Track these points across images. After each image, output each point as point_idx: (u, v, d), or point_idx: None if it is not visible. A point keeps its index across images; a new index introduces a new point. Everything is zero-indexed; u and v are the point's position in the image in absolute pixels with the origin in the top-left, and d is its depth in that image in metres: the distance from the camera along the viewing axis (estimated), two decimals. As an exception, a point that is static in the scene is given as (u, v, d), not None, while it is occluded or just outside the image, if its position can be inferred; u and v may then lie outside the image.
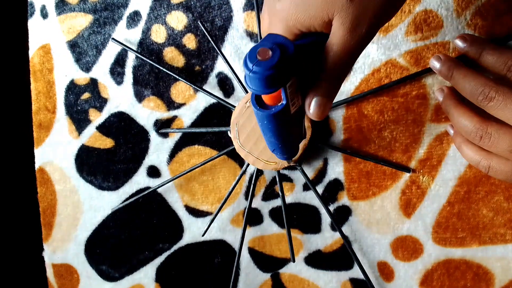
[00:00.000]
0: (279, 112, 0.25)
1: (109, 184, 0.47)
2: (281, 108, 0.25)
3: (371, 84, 0.38)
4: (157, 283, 0.47)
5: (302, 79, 0.25)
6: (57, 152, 0.48)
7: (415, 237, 0.39)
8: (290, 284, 0.43)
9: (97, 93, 0.46)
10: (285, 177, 0.41)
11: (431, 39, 0.36)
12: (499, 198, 0.36)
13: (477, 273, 0.38)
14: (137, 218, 0.46)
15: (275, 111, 0.25)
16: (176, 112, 0.44)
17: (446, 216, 0.38)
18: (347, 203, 0.40)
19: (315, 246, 0.42)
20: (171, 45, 0.43)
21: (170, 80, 0.43)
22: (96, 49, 0.45)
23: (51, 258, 0.50)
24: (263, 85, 0.23)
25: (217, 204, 0.44)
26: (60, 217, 0.49)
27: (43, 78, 0.47)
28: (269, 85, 0.23)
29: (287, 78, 0.24)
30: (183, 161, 0.44)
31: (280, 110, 0.25)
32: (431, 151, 0.37)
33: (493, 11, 0.34)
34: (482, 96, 0.30)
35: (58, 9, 0.46)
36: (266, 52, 0.23)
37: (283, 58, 0.23)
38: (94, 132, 0.46)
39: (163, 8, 0.43)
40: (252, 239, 0.43)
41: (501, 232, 0.37)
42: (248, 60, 0.23)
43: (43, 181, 0.49)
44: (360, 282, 0.41)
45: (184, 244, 0.45)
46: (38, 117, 0.48)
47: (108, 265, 0.48)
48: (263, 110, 0.25)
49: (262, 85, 0.23)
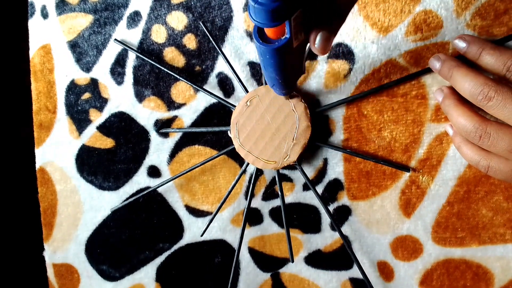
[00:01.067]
0: (282, 46, 0.24)
1: (110, 184, 0.47)
2: (284, 42, 0.24)
3: (371, 84, 0.38)
4: (157, 283, 0.47)
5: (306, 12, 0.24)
6: (57, 152, 0.48)
7: (415, 237, 0.39)
8: (290, 283, 0.43)
9: (97, 93, 0.46)
10: (285, 177, 0.42)
11: (431, 39, 0.36)
12: (498, 198, 0.36)
13: (476, 272, 0.38)
14: (137, 218, 0.47)
15: (278, 45, 0.24)
16: (177, 112, 0.44)
17: (445, 216, 0.38)
18: (347, 203, 0.40)
19: (315, 246, 0.42)
20: (172, 45, 0.43)
21: (171, 80, 0.44)
22: (96, 49, 0.45)
23: (51, 258, 0.50)
24: (268, 18, 0.22)
25: (217, 204, 0.44)
26: (61, 217, 0.49)
27: (43, 78, 0.48)
28: (274, 18, 0.22)
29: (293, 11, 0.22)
30: (183, 161, 0.44)
31: (283, 44, 0.24)
32: (430, 151, 0.37)
33: (493, 12, 0.34)
34: (481, 95, 0.30)
35: (59, 9, 0.46)
36: None
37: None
38: (95, 132, 0.46)
39: (164, 8, 0.43)
40: (252, 239, 0.43)
41: (500, 232, 0.37)
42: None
43: (43, 181, 0.49)
44: (360, 282, 0.41)
45: (184, 244, 0.45)
46: (39, 117, 0.48)
47: (108, 265, 0.48)
48: (265, 45, 0.24)
49: (267, 17, 0.22)
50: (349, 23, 0.38)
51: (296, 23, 0.24)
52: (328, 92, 0.39)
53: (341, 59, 0.38)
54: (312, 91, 0.40)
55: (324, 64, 0.39)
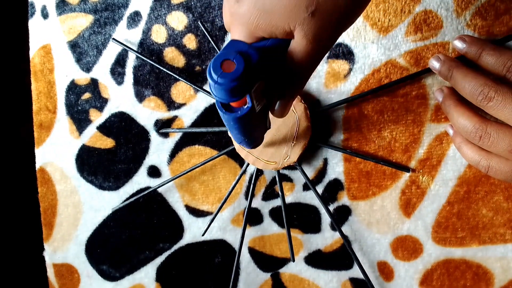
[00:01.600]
0: (245, 115, 0.25)
1: (110, 184, 0.47)
2: (246, 111, 0.25)
3: (371, 84, 0.38)
4: (157, 283, 0.47)
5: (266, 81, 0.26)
6: (57, 152, 0.48)
7: (415, 237, 0.39)
8: (290, 283, 0.43)
9: (97, 93, 0.46)
10: (285, 177, 0.42)
11: (431, 39, 0.36)
12: (498, 198, 0.36)
13: (476, 272, 0.38)
14: (137, 218, 0.47)
15: (241, 114, 0.25)
16: (177, 112, 0.44)
17: (446, 216, 0.38)
18: (347, 203, 0.40)
19: (315, 246, 0.42)
20: (172, 45, 0.43)
21: (171, 80, 0.44)
22: (96, 49, 0.45)
23: (51, 258, 0.50)
24: (228, 95, 0.23)
25: (217, 204, 0.44)
26: (61, 217, 0.49)
27: (43, 78, 0.48)
28: (234, 94, 0.23)
29: (251, 86, 0.24)
30: (183, 161, 0.44)
31: (246, 113, 0.25)
32: (431, 151, 0.37)
33: (493, 12, 0.34)
34: (481, 96, 0.30)
35: (59, 9, 0.46)
36: (230, 64, 0.23)
37: (247, 68, 0.23)
38: (95, 132, 0.46)
39: (164, 8, 0.43)
40: (252, 239, 0.43)
41: (500, 232, 0.37)
42: (212, 71, 0.23)
43: (43, 181, 0.49)
44: (360, 282, 0.41)
45: (184, 244, 0.45)
46: (39, 117, 0.48)
47: (108, 264, 0.48)
48: (229, 114, 0.26)
49: (227, 94, 0.23)
50: (349, 23, 0.38)
51: (256, 93, 0.25)
52: (328, 92, 0.39)
53: (341, 59, 0.38)
54: (312, 91, 0.40)
55: (324, 64, 0.39)
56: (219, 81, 0.23)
